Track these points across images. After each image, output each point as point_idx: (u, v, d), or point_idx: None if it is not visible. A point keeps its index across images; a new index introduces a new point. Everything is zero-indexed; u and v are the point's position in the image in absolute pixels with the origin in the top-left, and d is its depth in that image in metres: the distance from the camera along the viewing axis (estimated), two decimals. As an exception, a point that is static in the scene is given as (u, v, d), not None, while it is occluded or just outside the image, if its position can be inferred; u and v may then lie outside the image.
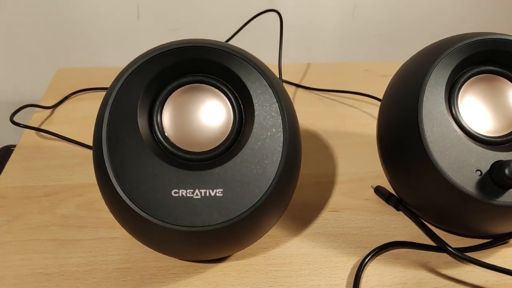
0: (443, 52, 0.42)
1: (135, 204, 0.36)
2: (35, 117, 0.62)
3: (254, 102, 0.38)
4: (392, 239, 0.45)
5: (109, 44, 0.84)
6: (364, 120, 0.64)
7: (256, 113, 0.38)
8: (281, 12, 0.68)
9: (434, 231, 0.45)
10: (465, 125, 0.41)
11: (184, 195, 0.36)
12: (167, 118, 0.39)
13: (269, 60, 0.67)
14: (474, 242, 0.45)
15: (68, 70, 0.75)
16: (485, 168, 0.39)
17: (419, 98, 0.41)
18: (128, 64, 0.39)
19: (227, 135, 0.38)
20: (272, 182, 0.37)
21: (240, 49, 0.41)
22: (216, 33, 0.69)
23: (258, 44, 0.77)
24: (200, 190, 0.36)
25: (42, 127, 0.60)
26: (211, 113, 0.39)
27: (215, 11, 0.85)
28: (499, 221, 0.41)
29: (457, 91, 0.42)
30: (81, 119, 0.63)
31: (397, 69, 0.47)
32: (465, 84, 0.43)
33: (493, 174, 0.39)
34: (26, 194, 0.50)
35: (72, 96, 0.67)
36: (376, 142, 0.49)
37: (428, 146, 0.40)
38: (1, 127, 0.62)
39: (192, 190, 0.36)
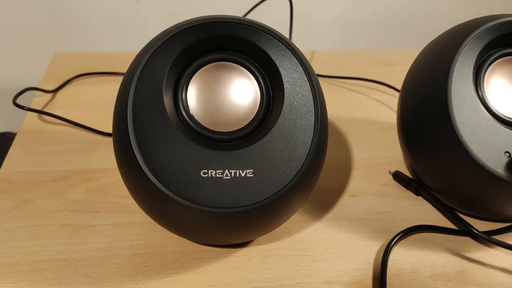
0: (471, 33, 0.42)
1: (163, 185, 0.34)
2: (36, 101, 0.60)
3: (283, 80, 0.37)
4: (414, 223, 0.44)
5: (107, 29, 0.81)
6: (375, 107, 0.63)
7: (286, 92, 0.37)
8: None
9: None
10: (491, 107, 0.41)
11: (214, 175, 0.35)
12: (192, 97, 0.37)
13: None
14: (496, 225, 0.45)
15: (65, 54, 0.72)
16: (514, 150, 0.39)
17: (448, 79, 0.40)
18: (151, 41, 0.38)
19: (254, 114, 0.37)
20: (303, 164, 0.35)
21: (268, 26, 0.39)
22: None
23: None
24: (230, 171, 0.35)
25: (45, 111, 0.58)
26: (237, 92, 0.37)
27: (216, -3, 0.83)
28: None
29: (483, 73, 0.42)
30: (85, 103, 0.60)
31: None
32: (491, 66, 0.42)
33: (525, 156, 0.39)
34: (33, 179, 0.48)
35: (73, 81, 0.65)
36: (396, 127, 0.48)
37: (457, 128, 0.39)
38: None
39: (221, 171, 0.35)
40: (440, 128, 0.40)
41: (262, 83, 0.38)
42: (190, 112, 0.37)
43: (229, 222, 0.35)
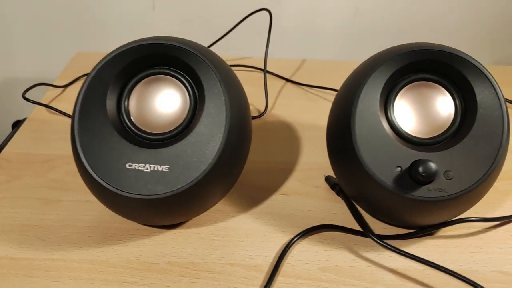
0: (380, 61, 0.47)
1: (96, 174, 0.43)
2: (47, 95, 0.72)
3: (205, 94, 0.45)
4: (328, 222, 0.50)
5: (125, 33, 0.92)
6: (339, 116, 0.68)
7: (205, 104, 0.44)
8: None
9: (366, 218, 0.50)
10: (397, 126, 0.46)
11: (136, 168, 0.43)
12: (133, 103, 0.46)
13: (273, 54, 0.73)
14: (400, 231, 0.50)
15: (85, 54, 0.84)
16: (406, 165, 0.44)
17: (353, 100, 0.46)
18: (105, 56, 0.47)
19: (181, 120, 0.45)
20: (210, 163, 0.43)
21: (200, 46, 0.47)
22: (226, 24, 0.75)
23: (253, 39, 0.83)
24: (150, 165, 0.43)
25: (52, 104, 0.69)
26: (170, 101, 0.46)
27: (223, 2, 0.91)
28: (415, 214, 0.46)
29: (394, 95, 0.47)
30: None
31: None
32: (403, 90, 0.47)
33: (410, 170, 0.44)
34: (27, 160, 0.59)
35: (83, 77, 0.76)
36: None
37: (356, 142, 0.45)
38: (17, 101, 0.71)
39: (143, 164, 0.43)
40: (346, 142, 0.46)
41: (191, 95, 0.46)
42: (130, 115, 0.46)
43: (146, 207, 0.44)
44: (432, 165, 0.43)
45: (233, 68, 0.82)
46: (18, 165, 0.58)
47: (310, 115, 0.69)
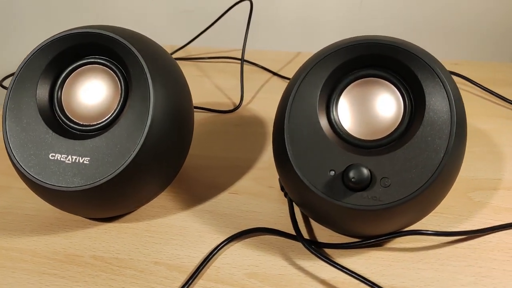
0: (321, 56, 0.43)
1: (20, 163, 0.43)
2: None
3: (132, 85, 0.43)
4: (270, 225, 0.47)
5: (124, 22, 0.92)
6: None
7: (131, 95, 0.43)
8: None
9: (314, 225, 0.47)
10: (337, 126, 0.42)
11: (59, 158, 0.42)
12: (67, 93, 0.45)
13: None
14: (350, 240, 0.46)
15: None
16: (341, 169, 0.40)
17: (289, 98, 0.43)
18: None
19: (111, 112, 0.44)
20: (130, 157, 0.41)
21: (134, 34, 0.45)
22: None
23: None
24: (72, 157, 0.42)
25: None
26: (102, 92, 0.45)
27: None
28: (350, 223, 0.42)
29: (338, 93, 0.43)
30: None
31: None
32: (349, 87, 0.44)
33: (343, 176, 0.40)
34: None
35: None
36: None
37: (288, 143, 0.42)
38: None
39: (65, 155, 0.42)
40: (279, 144, 0.43)
41: (123, 84, 0.44)
42: (63, 107, 0.45)
43: (66, 199, 0.43)
44: (364, 171, 0.39)
45: (220, 60, 0.79)
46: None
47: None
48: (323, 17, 0.88)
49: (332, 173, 0.40)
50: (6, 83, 0.69)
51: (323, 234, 0.47)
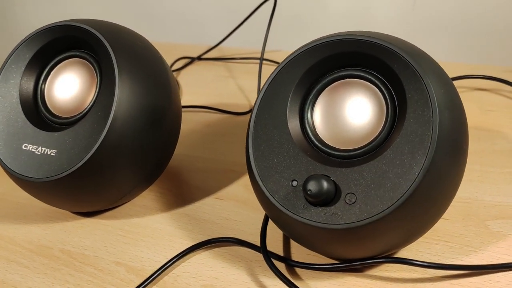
0: (291, 56, 0.39)
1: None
2: None
3: (103, 78, 0.42)
4: (246, 236, 0.44)
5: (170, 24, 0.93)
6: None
7: (101, 88, 0.42)
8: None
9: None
10: (309, 133, 0.38)
11: (30, 149, 0.43)
12: (50, 86, 0.46)
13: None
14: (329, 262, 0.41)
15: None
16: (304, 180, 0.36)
17: (256, 100, 0.39)
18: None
19: (86, 105, 0.44)
20: (92, 151, 0.40)
21: (114, 26, 0.45)
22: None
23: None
24: (42, 148, 0.42)
25: None
26: (81, 85, 0.45)
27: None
28: (313, 241, 0.37)
29: (314, 95, 0.39)
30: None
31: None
32: (328, 88, 0.39)
33: (303, 187, 0.36)
34: None
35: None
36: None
37: (251, 148, 0.38)
38: None
39: (36, 147, 0.43)
40: (245, 151, 0.40)
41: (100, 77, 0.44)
42: (45, 100, 0.46)
43: (34, 190, 0.43)
44: (324, 184, 0.34)
45: (249, 61, 0.77)
46: None
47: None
48: (376, 17, 0.82)
49: (295, 183, 0.36)
50: None
51: (299, 252, 0.42)
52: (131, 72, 0.42)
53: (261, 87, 0.39)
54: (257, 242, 0.42)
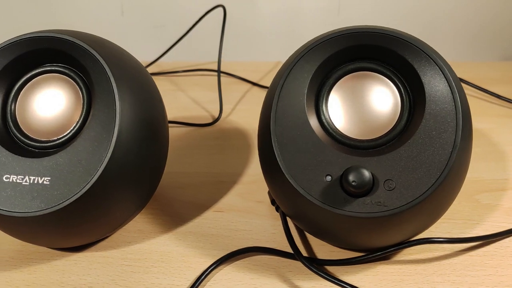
0: (306, 49, 0.39)
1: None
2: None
3: (96, 95, 0.38)
4: (262, 244, 0.42)
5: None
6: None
7: (95, 106, 0.38)
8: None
9: (311, 240, 0.42)
10: (329, 126, 0.38)
11: (14, 180, 0.37)
12: (21, 106, 0.40)
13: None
14: (352, 255, 0.41)
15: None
16: (338, 174, 0.36)
17: (273, 98, 0.38)
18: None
19: (73, 125, 0.39)
20: (95, 175, 0.36)
21: (96, 39, 0.41)
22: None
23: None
24: (30, 177, 0.37)
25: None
26: (62, 104, 0.40)
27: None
28: (353, 233, 0.37)
29: (327, 89, 0.39)
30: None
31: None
32: (339, 82, 0.39)
33: (341, 180, 0.35)
34: None
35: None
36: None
37: (276, 148, 0.37)
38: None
39: (22, 176, 0.37)
40: (266, 150, 0.38)
41: (85, 95, 0.39)
42: (18, 122, 0.40)
43: (26, 226, 0.37)
44: (366, 173, 0.34)
45: (194, 73, 0.76)
46: None
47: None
48: (302, 25, 0.85)
49: (329, 178, 0.36)
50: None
51: (323, 249, 0.42)
52: (126, 82, 0.38)
53: (276, 87, 0.38)
54: (279, 248, 0.41)
